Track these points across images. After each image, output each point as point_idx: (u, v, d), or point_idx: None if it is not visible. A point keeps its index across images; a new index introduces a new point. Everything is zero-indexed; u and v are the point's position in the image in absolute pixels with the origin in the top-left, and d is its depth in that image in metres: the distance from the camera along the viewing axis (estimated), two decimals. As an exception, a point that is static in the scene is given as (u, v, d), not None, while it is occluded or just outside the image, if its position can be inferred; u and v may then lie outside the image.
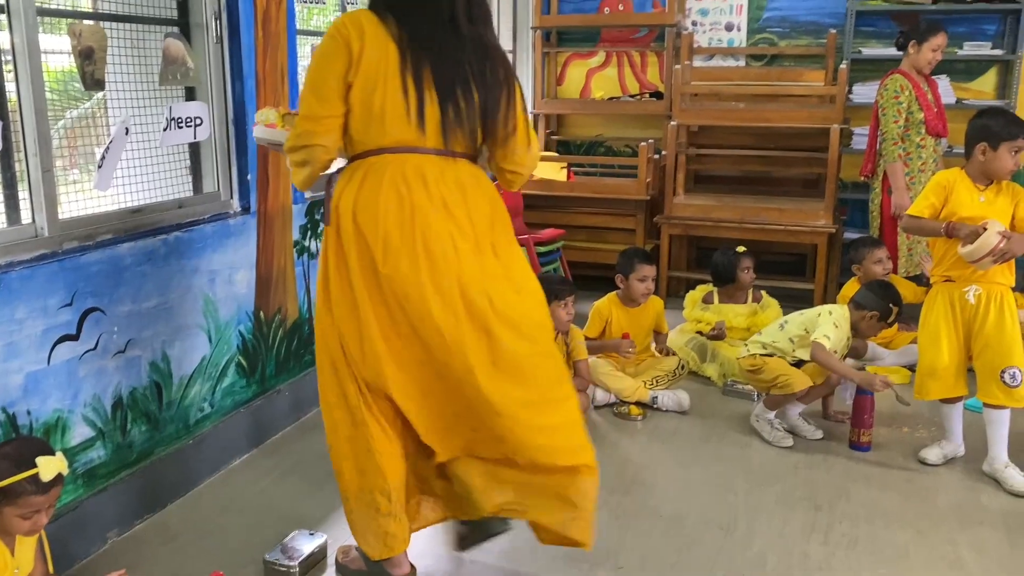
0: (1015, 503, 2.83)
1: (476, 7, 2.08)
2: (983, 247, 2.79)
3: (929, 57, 4.33)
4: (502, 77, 2.09)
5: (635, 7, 5.90)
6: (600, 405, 3.59)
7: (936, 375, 3.04)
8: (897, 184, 4.35)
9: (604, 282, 5.04)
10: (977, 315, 2.95)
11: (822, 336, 3.22)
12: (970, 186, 2.95)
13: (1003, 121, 2.90)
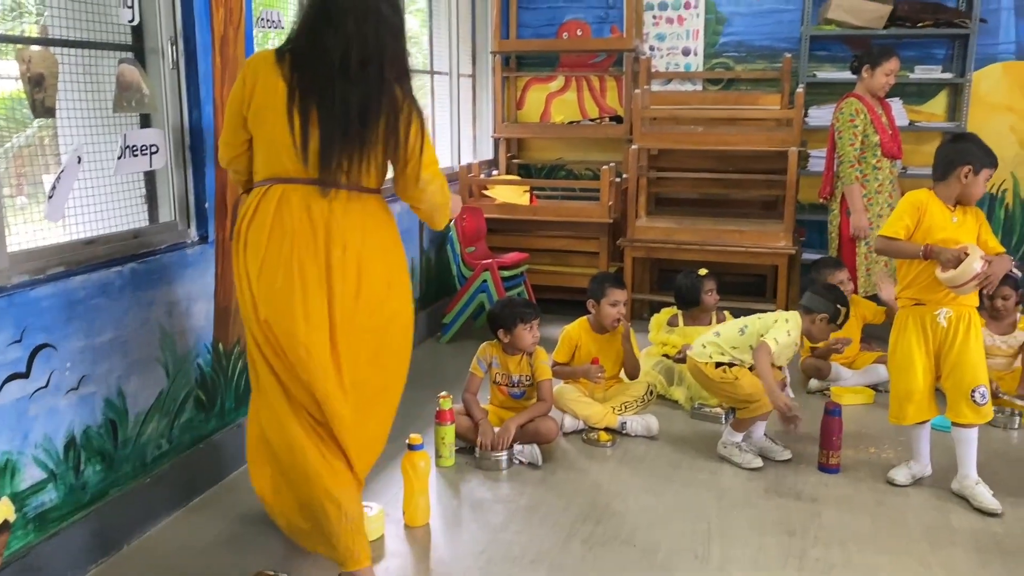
0: (984, 523, 2.84)
1: (373, 55, 2.25)
2: (967, 273, 2.79)
3: (883, 81, 4.41)
4: (391, 117, 2.28)
5: (593, 32, 5.95)
6: (569, 432, 3.55)
7: (912, 400, 3.02)
8: (855, 206, 4.41)
9: (569, 305, 5.04)
10: (947, 337, 2.96)
11: (771, 339, 3.22)
12: (942, 207, 2.96)
13: (983, 149, 2.95)
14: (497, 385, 3.49)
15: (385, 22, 2.28)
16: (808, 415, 3.77)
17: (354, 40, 2.23)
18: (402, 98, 2.31)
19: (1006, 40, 5.32)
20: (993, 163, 2.94)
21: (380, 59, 2.26)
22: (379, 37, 2.26)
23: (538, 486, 3.11)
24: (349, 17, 2.24)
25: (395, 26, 2.31)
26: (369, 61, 2.25)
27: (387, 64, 2.28)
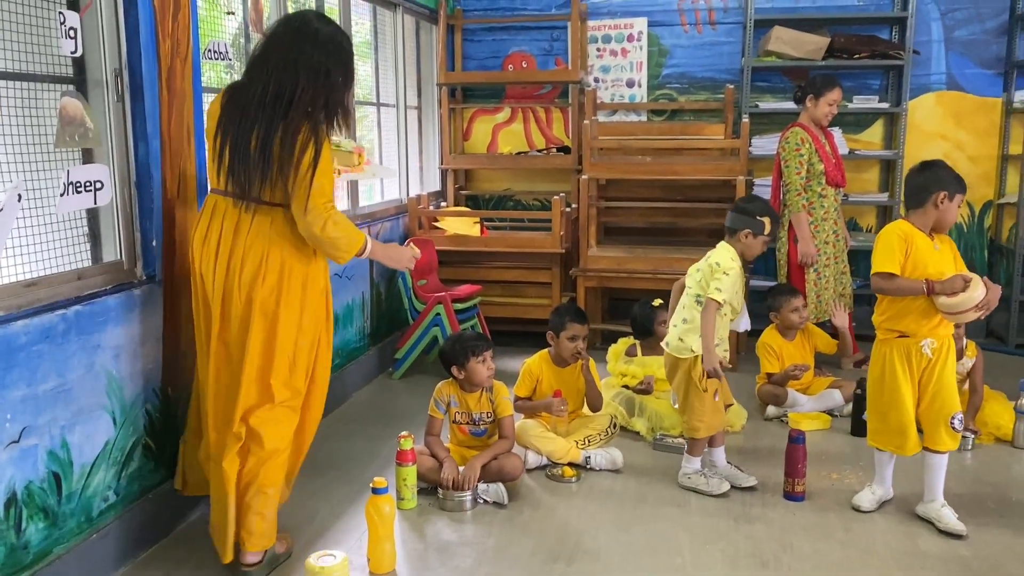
0: (951, 546, 2.86)
1: (286, 90, 2.56)
2: (973, 299, 2.78)
3: (826, 110, 4.51)
4: (288, 146, 2.55)
5: (538, 65, 5.98)
6: (532, 468, 3.47)
7: (907, 433, 2.98)
8: (803, 233, 4.48)
9: (524, 337, 5.00)
10: (930, 366, 2.95)
11: (714, 291, 3.13)
12: (924, 237, 2.95)
13: (953, 174, 2.97)
14: (457, 424, 3.40)
15: (307, 62, 2.57)
16: (768, 442, 3.80)
17: (274, 75, 2.56)
18: (305, 131, 2.57)
19: (938, 71, 5.51)
20: (964, 188, 2.95)
21: (292, 94, 2.55)
22: (297, 74, 2.56)
23: (505, 526, 3.03)
24: (275, 55, 2.59)
25: (317, 65, 2.59)
26: (282, 95, 2.55)
27: (299, 98, 2.56)
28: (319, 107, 2.62)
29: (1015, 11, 5.39)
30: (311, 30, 2.61)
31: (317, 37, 2.61)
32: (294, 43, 2.59)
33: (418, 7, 5.53)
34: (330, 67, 2.61)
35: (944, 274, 2.88)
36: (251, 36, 3.69)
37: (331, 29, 2.67)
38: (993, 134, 5.53)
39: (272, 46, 2.61)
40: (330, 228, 2.60)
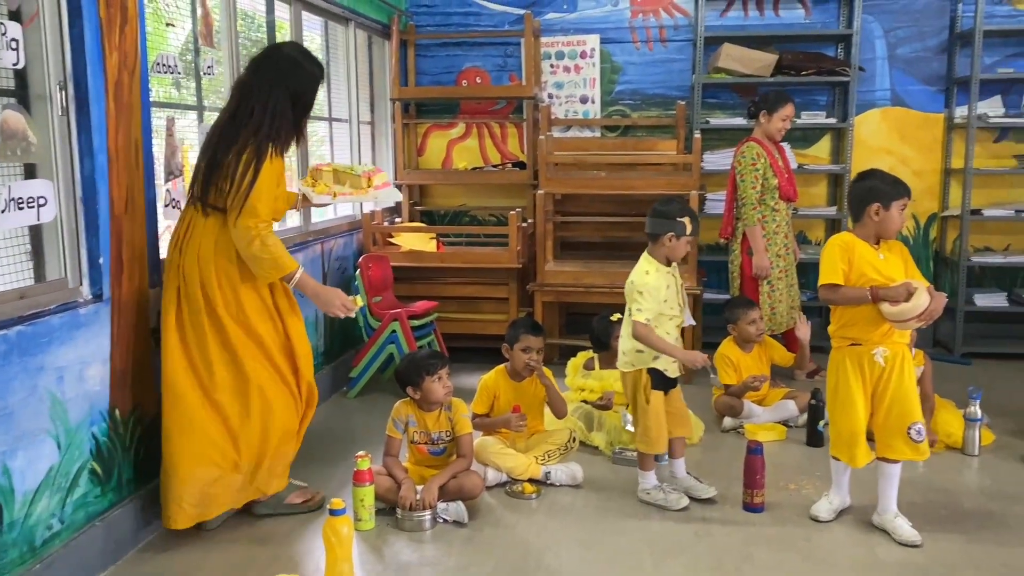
0: (908, 554, 2.90)
1: (242, 114, 2.92)
2: (917, 307, 2.80)
3: (779, 126, 4.58)
4: (232, 162, 2.86)
5: (492, 80, 5.98)
6: (492, 485, 3.43)
7: (859, 442, 3.01)
8: (758, 247, 4.54)
9: (481, 353, 4.96)
10: (884, 376, 2.98)
11: (636, 312, 3.15)
12: (866, 246, 2.99)
13: (889, 181, 3.00)
14: (415, 444, 3.35)
15: (262, 92, 2.93)
16: (726, 453, 3.82)
17: (234, 100, 2.98)
18: (249, 151, 2.86)
19: (882, 87, 5.65)
20: (901, 192, 2.97)
21: (246, 119, 2.91)
22: (251, 102, 2.92)
23: (466, 545, 2.98)
24: (243, 82, 3.00)
25: (270, 89, 2.93)
26: (236, 115, 2.93)
27: (250, 123, 2.90)
28: (266, 129, 2.89)
29: (954, 30, 5.55)
30: (277, 55, 3.01)
31: (279, 64, 2.96)
32: (259, 69, 2.97)
33: (370, 22, 5.50)
34: (282, 91, 2.93)
35: (892, 281, 2.91)
36: (201, 50, 3.63)
37: (297, 56, 3.02)
38: (936, 149, 5.68)
39: (244, 73, 3.03)
40: (257, 247, 2.86)
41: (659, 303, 3.17)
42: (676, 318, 3.25)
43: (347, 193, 3.64)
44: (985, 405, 3.86)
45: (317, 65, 3.08)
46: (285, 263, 2.92)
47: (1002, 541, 2.98)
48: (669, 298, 3.21)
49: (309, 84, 3.03)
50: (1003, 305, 5.54)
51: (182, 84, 3.69)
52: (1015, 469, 3.65)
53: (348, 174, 3.65)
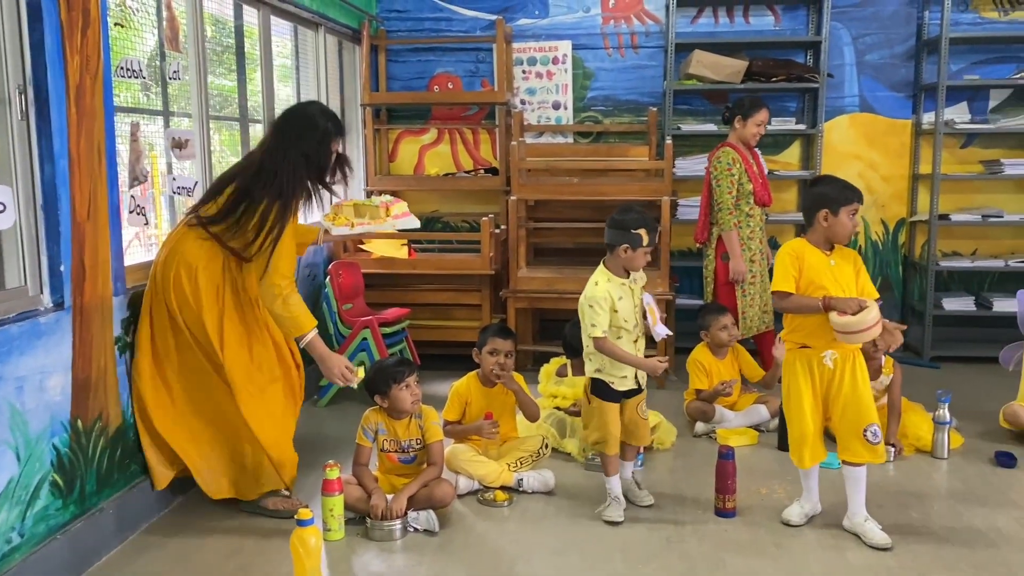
0: (879, 557, 2.90)
1: (265, 176, 3.07)
2: (863, 321, 2.82)
3: (754, 131, 4.60)
4: (242, 215, 3.08)
5: (464, 86, 5.97)
6: (464, 493, 3.40)
7: (807, 443, 3.06)
8: (734, 251, 4.54)
9: (454, 360, 4.92)
10: (834, 378, 3.02)
11: (591, 328, 3.12)
12: (817, 253, 3.03)
13: (839, 187, 3.02)
14: (386, 452, 3.31)
15: (279, 154, 3.07)
16: (698, 459, 3.82)
17: (257, 155, 3.16)
18: (271, 214, 3.02)
19: (851, 93, 5.71)
20: (851, 197, 2.98)
21: (269, 180, 3.05)
22: (271, 162, 3.07)
23: (437, 554, 2.95)
24: (263, 146, 3.19)
25: (285, 159, 3.06)
26: (259, 173, 3.08)
27: (272, 186, 3.03)
28: (285, 194, 3.02)
29: (921, 37, 5.62)
30: (295, 116, 3.15)
31: (294, 125, 3.10)
32: (278, 130, 3.14)
33: (340, 27, 5.46)
34: (298, 154, 3.06)
35: (842, 288, 2.95)
36: (167, 54, 3.58)
37: (314, 114, 3.13)
38: (904, 154, 5.75)
39: (268, 130, 3.21)
40: (279, 306, 3.06)
41: (609, 313, 3.12)
42: (632, 333, 3.16)
43: (366, 223, 3.83)
44: (954, 408, 3.88)
45: (333, 121, 3.19)
46: (302, 323, 3.12)
47: (971, 543, 3.00)
48: (623, 310, 3.13)
49: (323, 144, 3.13)
50: (971, 309, 5.60)
51: (151, 89, 3.64)
52: (984, 471, 3.68)
53: (368, 207, 3.90)
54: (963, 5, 5.57)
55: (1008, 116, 5.61)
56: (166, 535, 3.09)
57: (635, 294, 3.19)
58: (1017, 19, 5.58)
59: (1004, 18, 5.59)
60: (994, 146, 5.69)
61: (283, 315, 3.09)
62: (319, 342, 3.18)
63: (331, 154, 3.15)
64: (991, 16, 5.60)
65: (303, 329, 3.13)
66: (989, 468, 3.72)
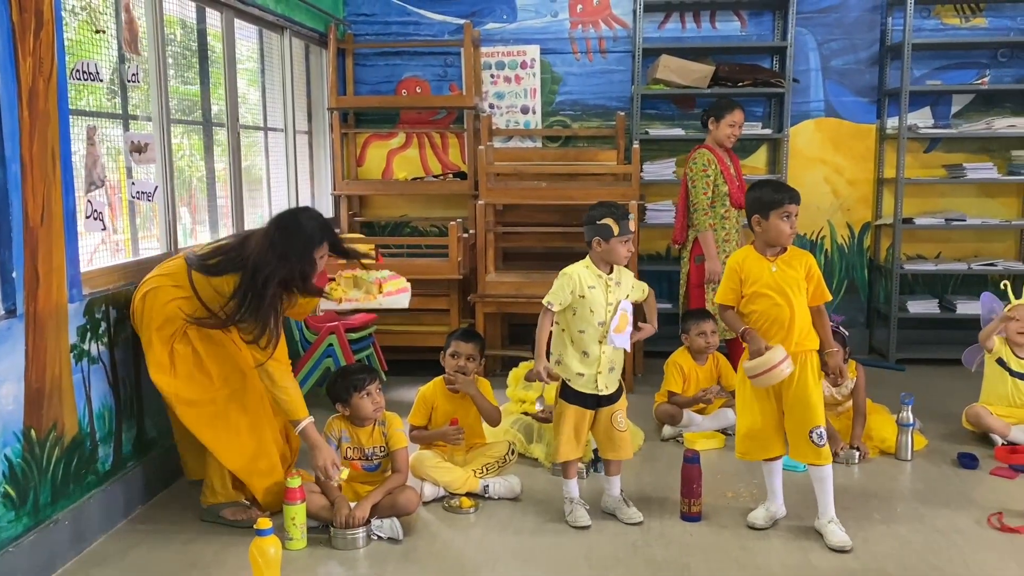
0: (841, 560, 2.92)
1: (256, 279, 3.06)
2: (762, 364, 2.91)
3: (727, 132, 4.61)
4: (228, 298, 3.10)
5: (432, 90, 5.95)
6: (429, 500, 3.37)
7: (752, 437, 3.13)
8: (709, 251, 4.54)
9: (422, 366, 4.89)
10: (785, 380, 3.02)
11: (549, 294, 3.13)
12: (759, 259, 3.06)
13: (769, 190, 3.05)
14: (349, 460, 3.27)
15: (262, 255, 3.05)
16: (665, 462, 3.82)
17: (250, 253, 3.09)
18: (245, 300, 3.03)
19: (816, 98, 5.75)
20: (782, 199, 3.00)
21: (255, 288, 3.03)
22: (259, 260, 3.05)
23: (400, 562, 2.92)
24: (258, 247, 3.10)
25: (263, 264, 3.02)
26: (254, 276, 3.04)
27: (249, 301, 3.03)
28: (265, 291, 3.01)
29: (885, 42, 5.68)
30: (283, 224, 3.11)
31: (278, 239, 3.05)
32: (266, 235, 3.10)
33: (307, 31, 5.42)
34: (279, 258, 3.01)
35: (784, 290, 2.99)
36: (126, 57, 3.52)
37: (296, 225, 3.08)
38: (869, 159, 5.80)
39: (262, 231, 3.14)
40: (278, 391, 3.09)
41: (573, 296, 3.09)
42: (597, 330, 3.11)
43: (355, 300, 3.94)
44: (917, 410, 3.92)
45: (321, 229, 3.15)
46: (295, 410, 3.11)
47: (932, 545, 3.02)
48: (592, 300, 3.10)
49: (306, 251, 3.09)
50: (935, 311, 5.67)
51: (116, 92, 3.58)
52: (946, 473, 3.72)
53: (364, 280, 4.04)
54: (926, 11, 5.64)
55: (970, 121, 5.69)
56: (124, 546, 3.03)
57: (611, 292, 3.14)
58: (978, 25, 5.66)
59: (965, 24, 5.67)
60: (957, 150, 5.76)
61: (280, 397, 3.11)
62: (313, 431, 3.12)
63: (313, 261, 3.12)
64: (953, 22, 5.67)
65: (296, 415, 3.11)
66: (952, 469, 3.76)
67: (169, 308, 3.10)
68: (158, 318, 3.09)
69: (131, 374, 3.32)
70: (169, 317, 3.09)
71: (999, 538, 3.07)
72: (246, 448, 3.16)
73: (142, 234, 3.80)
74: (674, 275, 5.92)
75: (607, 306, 3.13)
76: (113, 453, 3.21)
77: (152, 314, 3.10)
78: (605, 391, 3.16)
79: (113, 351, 3.21)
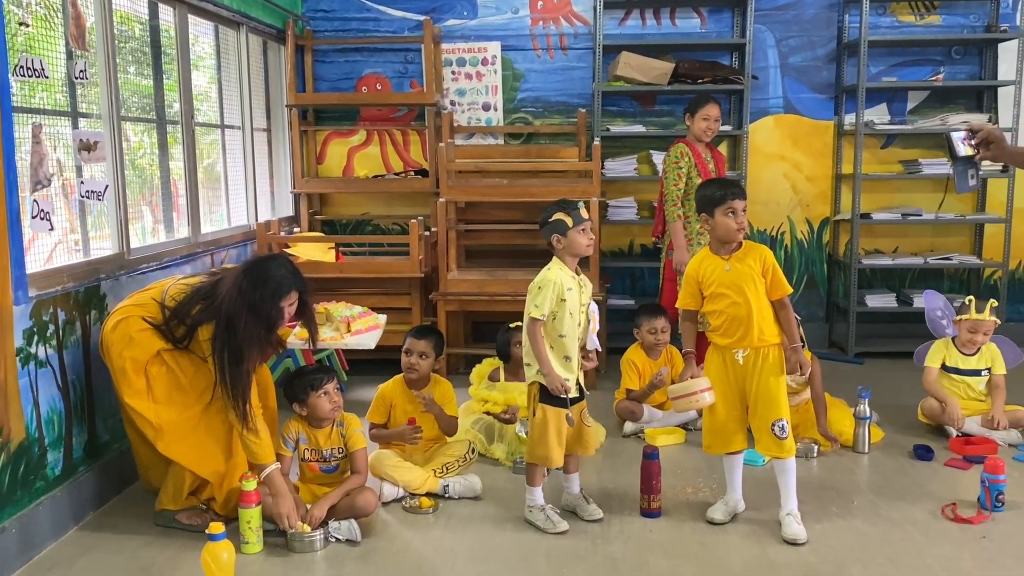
0: (798, 553, 2.94)
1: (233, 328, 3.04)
2: (683, 389, 3.04)
3: (702, 125, 4.62)
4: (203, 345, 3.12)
5: (393, 87, 5.90)
6: (388, 501, 3.34)
7: (714, 432, 3.16)
8: (678, 242, 4.55)
9: (383, 365, 4.85)
10: (747, 374, 3.07)
11: (532, 308, 3.05)
12: (714, 259, 3.10)
13: (712, 188, 3.10)
14: (306, 462, 3.23)
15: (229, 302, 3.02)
16: (626, 459, 3.82)
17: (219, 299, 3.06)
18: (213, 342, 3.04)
19: (775, 95, 5.80)
20: (725, 195, 3.03)
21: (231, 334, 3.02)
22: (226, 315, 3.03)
23: (358, 564, 2.88)
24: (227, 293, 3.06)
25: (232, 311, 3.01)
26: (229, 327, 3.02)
27: (225, 351, 3.00)
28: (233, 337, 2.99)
29: (842, 40, 5.74)
30: (258, 268, 3.07)
31: (256, 282, 3.02)
32: (235, 283, 3.04)
33: (264, 27, 5.35)
34: (246, 306, 2.99)
35: (740, 287, 3.03)
36: (73, 53, 3.44)
37: (266, 274, 3.04)
38: (827, 155, 5.86)
39: (231, 278, 3.08)
40: (247, 437, 3.02)
41: (556, 300, 3.05)
42: (575, 332, 3.10)
43: (323, 339, 3.85)
44: (874, 403, 3.97)
45: (290, 277, 3.10)
46: (262, 455, 3.05)
47: (888, 537, 3.06)
48: (571, 302, 3.08)
49: (274, 299, 3.04)
50: (892, 305, 5.74)
51: (57, 89, 3.50)
52: (903, 465, 3.76)
53: (334, 319, 3.99)
54: (881, 9, 5.71)
55: (925, 117, 5.77)
56: (75, 552, 2.97)
57: (583, 293, 3.15)
58: (932, 23, 5.74)
59: (920, 22, 5.75)
60: (913, 146, 5.84)
61: (247, 444, 3.05)
62: (278, 477, 3.05)
63: (281, 310, 3.07)
64: (908, 20, 5.75)
65: (263, 460, 3.04)
66: (908, 461, 3.81)
67: (142, 336, 3.06)
68: (131, 346, 3.04)
69: (81, 377, 3.25)
70: (143, 345, 3.05)
71: (953, 529, 3.12)
72: (222, 455, 3.13)
73: (99, 234, 3.72)
74: (636, 271, 5.97)
75: (581, 307, 3.14)
76: (63, 458, 3.13)
77: (124, 342, 3.05)
78: (584, 390, 3.21)
79: (62, 354, 3.14)
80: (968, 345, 4.06)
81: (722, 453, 3.20)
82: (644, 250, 5.94)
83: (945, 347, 4.13)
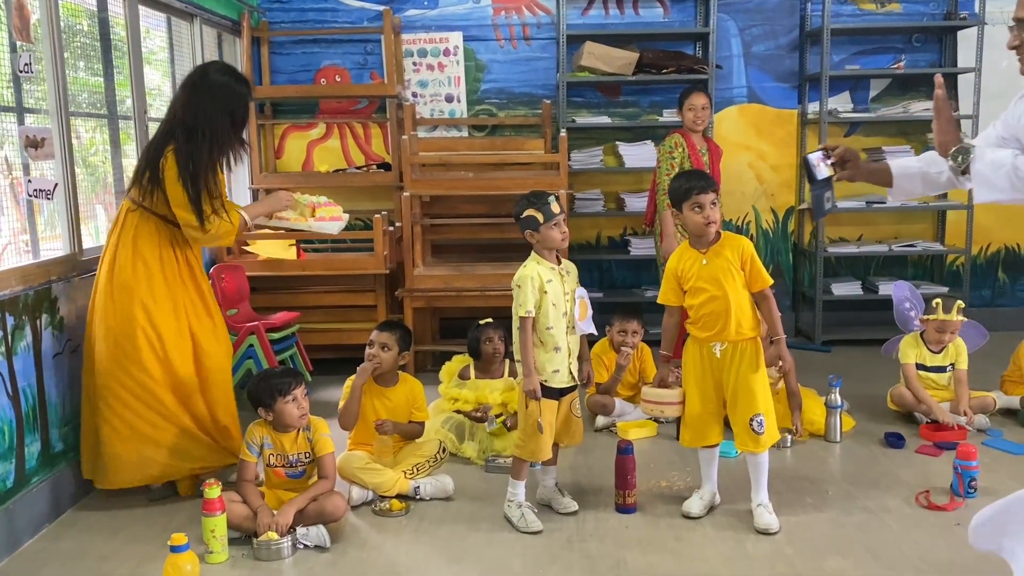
0: (775, 546, 2.91)
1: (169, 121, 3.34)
2: (655, 396, 3.13)
3: (690, 116, 4.57)
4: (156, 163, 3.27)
5: (353, 79, 5.78)
6: (357, 504, 3.26)
7: (690, 425, 3.13)
8: (667, 231, 4.51)
9: (348, 364, 4.74)
10: (724, 367, 3.04)
11: (518, 307, 3.01)
12: (692, 254, 3.08)
13: (678, 182, 3.09)
14: (272, 467, 3.13)
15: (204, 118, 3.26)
16: (599, 453, 3.78)
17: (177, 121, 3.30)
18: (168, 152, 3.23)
19: (739, 84, 5.78)
20: (690, 189, 3.00)
21: (172, 124, 3.30)
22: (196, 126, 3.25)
23: (328, 571, 2.80)
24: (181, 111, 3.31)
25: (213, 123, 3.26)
26: (190, 140, 3.25)
27: (201, 147, 3.24)
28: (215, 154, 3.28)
29: (804, 28, 5.74)
30: (209, 82, 3.30)
31: (213, 92, 3.27)
32: (195, 95, 3.28)
33: (219, 18, 5.20)
34: (223, 117, 3.27)
35: (718, 281, 3.00)
36: (17, 46, 3.29)
37: (228, 81, 3.32)
38: (791, 144, 5.86)
39: (180, 96, 3.34)
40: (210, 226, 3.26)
41: (538, 293, 3.01)
42: (563, 320, 3.06)
43: (287, 219, 3.88)
44: (844, 392, 3.97)
45: (245, 84, 3.41)
46: (234, 227, 3.35)
47: (864, 525, 3.05)
48: (553, 293, 3.03)
49: (243, 106, 3.38)
50: (858, 293, 5.77)
51: (19, 83, 3.34)
52: (875, 453, 3.77)
53: (299, 203, 3.94)
54: (843, -3, 5.72)
55: (888, 105, 5.79)
56: (31, 567, 2.85)
57: (566, 282, 3.10)
58: (893, 11, 5.77)
59: (881, 10, 5.77)
60: (876, 134, 5.87)
61: (222, 238, 3.36)
62: (253, 208, 3.57)
63: (248, 110, 3.42)
64: (869, 8, 5.77)
65: (237, 228, 3.36)
66: (880, 449, 3.81)
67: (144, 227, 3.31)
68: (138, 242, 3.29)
69: (32, 384, 3.12)
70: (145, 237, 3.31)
71: (927, 516, 3.12)
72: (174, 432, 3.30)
73: (53, 234, 3.58)
74: (603, 264, 5.92)
75: (565, 296, 3.09)
76: (15, 470, 3.00)
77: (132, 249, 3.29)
78: (576, 379, 3.16)
79: (11, 360, 3.00)
80: (936, 343, 4.08)
81: (699, 447, 3.16)
82: (611, 242, 5.90)
83: (916, 343, 4.13)
